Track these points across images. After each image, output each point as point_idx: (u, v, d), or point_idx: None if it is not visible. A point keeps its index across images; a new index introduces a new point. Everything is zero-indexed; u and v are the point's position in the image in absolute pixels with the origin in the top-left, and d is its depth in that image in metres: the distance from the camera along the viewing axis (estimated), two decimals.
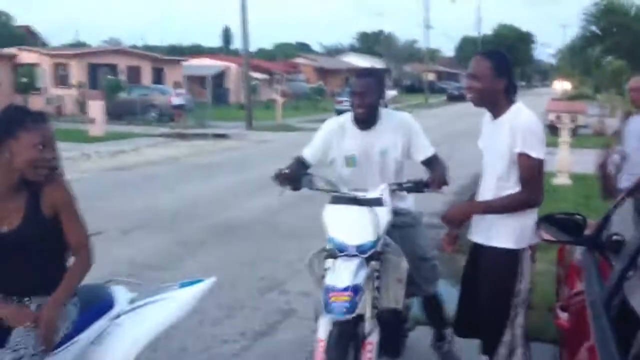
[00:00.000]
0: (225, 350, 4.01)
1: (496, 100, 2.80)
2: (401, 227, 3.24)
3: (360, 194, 2.99)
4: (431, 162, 3.29)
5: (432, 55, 63.56)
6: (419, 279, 3.26)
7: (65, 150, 2.68)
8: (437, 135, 12.89)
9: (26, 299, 2.41)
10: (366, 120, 3.26)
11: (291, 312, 4.64)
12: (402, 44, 63.01)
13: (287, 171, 3.17)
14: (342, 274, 2.69)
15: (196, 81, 39.79)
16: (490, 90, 2.77)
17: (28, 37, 43.90)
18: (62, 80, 29.69)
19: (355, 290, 2.64)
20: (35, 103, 28.00)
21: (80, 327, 2.51)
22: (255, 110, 24.86)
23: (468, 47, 72.18)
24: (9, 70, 29.49)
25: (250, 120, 23.20)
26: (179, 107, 22.63)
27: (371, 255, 2.81)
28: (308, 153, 3.40)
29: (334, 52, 72.43)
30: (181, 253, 6.30)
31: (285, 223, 7.39)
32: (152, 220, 7.73)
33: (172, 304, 2.59)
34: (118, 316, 2.60)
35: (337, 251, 2.82)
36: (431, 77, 58.82)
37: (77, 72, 29.27)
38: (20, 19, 65.37)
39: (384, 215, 2.91)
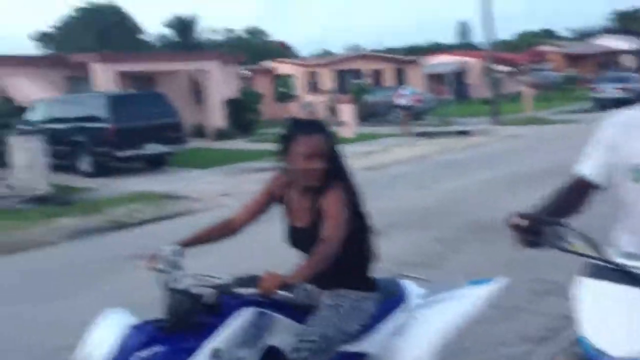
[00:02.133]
0: (505, 353, 3.90)
1: None
2: None
3: None
4: None
5: None
6: None
7: None
8: None
9: (321, 289, 2.63)
10: None
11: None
12: None
13: (532, 216, 2.01)
14: None
15: (437, 79, 39.86)
16: None
17: (282, 51, 48.50)
18: (313, 87, 32.22)
19: None
20: (292, 110, 30.84)
21: (378, 317, 2.65)
22: (500, 104, 23.96)
23: None
24: (269, 82, 32.99)
25: (497, 114, 22.41)
26: (405, 107, 22.77)
27: None
28: (587, 169, 2.25)
29: (584, 35, 66.39)
30: (442, 251, 6.33)
31: None
32: (408, 218, 7.91)
33: (467, 301, 2.61)
34: (413, 309, 2.69)
35: None
36: None
37: (326, 79, 31.46)
38: (275, 34, 72.65)
39: None
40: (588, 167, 2.25)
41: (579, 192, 2.24)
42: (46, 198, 11.53)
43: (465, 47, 63.47)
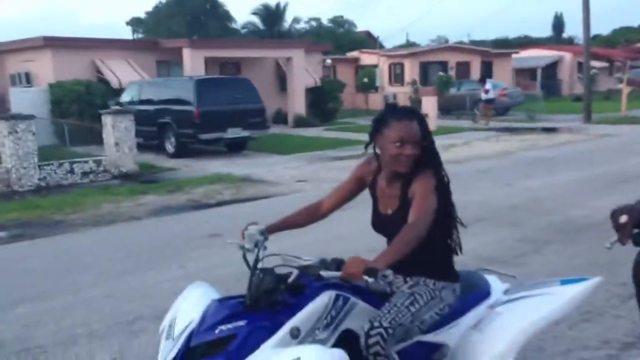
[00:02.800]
0: (586, 356, 3.70)
1: None
2: None
3: None
4: None
5: None
6: None
7: None
8: None
9: (400, 276, 2.57)
10: None
11: None
12: None
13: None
14: None
15: (526, 73, 38.44)
16: None
17: (368, 41, 48.19)
18: (396, 78, 31.86)
19: None
20: (374, 100, 30.66)
21: (459, 310, 2.57)
22: (593, 101, 22.79)
23: None
24: (352, 72, 32.92)
25: (589, 112, 21.33)
26: (488, 101, 22.08)
27: None
28: None
29: None
30: (525, 249, 6.09)
31: None
32: (493, 214, 7.66)
33: (557, 300, 2.46)
34: (495, 305, 2.58)
35: None
36: None
37: (410, 70, 31.01)
38: (360, 24, 72.29)
39: None
40: None
41: None
42: (133, 175, 12.05)
43: (558, 41, 60.80)
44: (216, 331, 2.14)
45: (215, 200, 9.44)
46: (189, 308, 2.39)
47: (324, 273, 2.19)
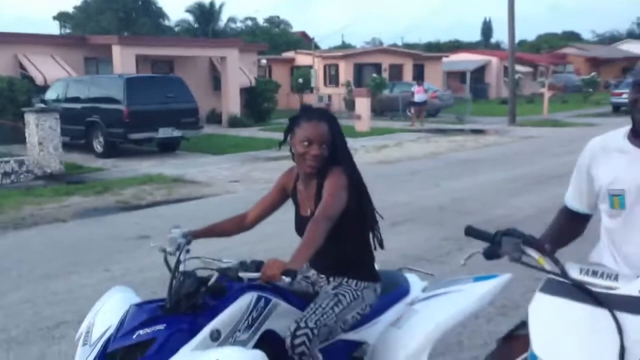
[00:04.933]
0: None
1: None
2: None
3: (602, 282, 1.75)
4: None
5: None
6: None
7: None
8: None
9: (323, 276, 2.64)
10: None
11: None
12: None
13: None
14: None
15: (455, 77, 39.62)
16: None
17: (303, 42, 48.37)
18: (331, 79, 32.15)
19: None
20: (309, 101, 30.81)
21: (379, 309, 2.64)
22: (518, 105, 23.77)
23: None
24: (288, 72, 32.95)
25: (514, 115, 22.24)
26: (420, 103, 22.73)
27: None
28: (570, 198, 2.31)
29: (608, 40, 65.59)
30: (450, 247, 6.29)
31: None
32: (420, 214, 7.87)
33: (470, 296, 2.58)
34: (414, 302, 2.68)
35: None
36: None
37: (344, 71, 31.37)
38: (296, 25, 72.40)
39: None
40: (571, 196, 2.30)
41: (571, 220, 2.29)
42: (58, 176, 11.63)
43: (487, 45, 62.96)
44: (134, 336, 2.12)
45: (145, 201, 9.24)
46: (108, 313, 2.35)
47: (243, 275, 2.20)
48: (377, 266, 2.81)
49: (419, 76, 30.27)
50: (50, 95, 16.00)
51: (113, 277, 5.40)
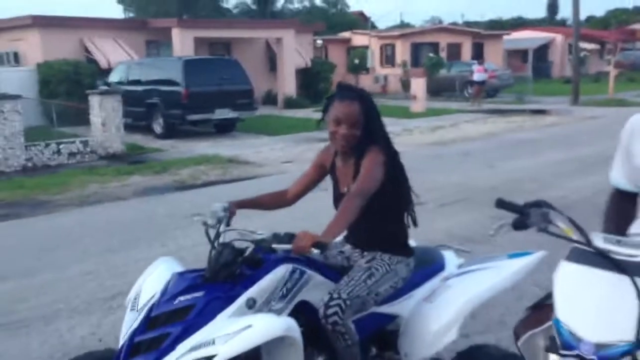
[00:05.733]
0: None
1: None
2: None
3: (625, 251, 1.80)
4: None
5: None
6: None
7: (389, 125, 2.71)
8: None
9: (357, 250, 2.72)
10: None
11: None
12: None
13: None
14: None
15: (517, 55, 38.46)
16: None
17: (361, 22, 47.95)
18: (387, 60, 31.83)
19: None
20: (364, 82, 30.65)
21: (414, 283, 2.70)
22: (582, 83, 22.90)
23: None
24: (343, 53, 32.83)
25: (577, 94, 21.46)
26: (478, 83, 22.23)
27: None
28: (615, 178, 2.32)
29: None
30: None
31: None
32: (470, 195, 7.80)
33: (503, 272, 2.61)
34: (448, 278, 2.72)
35: (563, 345, 1.74)
36: None
37: (401, 51, 30.97)
38: (354, 5, 71.71)
39: None
40: (616, 176, 2.30)
41: (621, 201, 2.28)
42: (120, 156, 12.12)
43: (552, 22, 60.70)
44: (175, 302, 2.26)
45: (200, 181, 9.54)
46: (154, 281, 2.51)
47: (276, 246, 2.30)
48: (415, 242, 2.87)
49: (478, 55, 29.59)
50: (113, 78, 16.60)
51: (169, 252, 5.64)
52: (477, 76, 22.21)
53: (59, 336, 4.09)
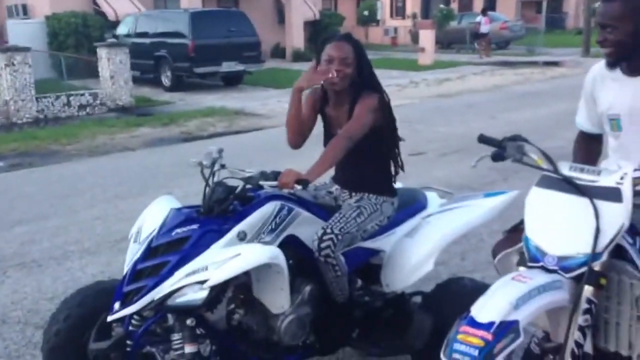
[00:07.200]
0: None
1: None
2: None
3: (586, 177, 2.03)
4: None
5: None
6: None
7: (395, 78, 2.86)
8: None
9: (345, 191, 2.90)
10: (617, 60, 2.30)
11: None
12: None
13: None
14: (498, 299, 1.80)
15: (531, 6, 37.70)
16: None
17: None
18: (397, 11, 31.39)
19: (504, 331, 1.71)
20: (374, 34, 30.31)
21: (397, 221, 2.90)
22: (594, 35, 22.52)
23: None
24: (353, 5, 32.37)
25: (588, 46, 21.19)
26: (487, 35, 21.96)
27: (581, 275, 1.90)
28: (580, 121, 2.59)
29: None
30: (495, 177, 6.40)
31: None
32: (471, 145, 7.86)
33: (478, 210, 2.79)
34: (429, 216, 2.91)
35: (531, 259, 2.00)
36: None
37: (412, 3, 30.51)
38: None
39: (616, 216, 1.92)
40: (580, 120, 2.57)
41: (588, 142, 2.53)
42: (129, 108, 12.30)
43: None
44: (173, 234, 2.48)
45: (207, 132, 9.72)
46: (154, 216, 2.72)
47: (262, 182, 2.50)
48: (401, 184, 3.05)
49: (490, 6, 29.06)
50: (121, 30, 16.61)
51: (176, 197, 5.87)
52: (484, 28, 21.93)
53: (71, 274, 4.37)
